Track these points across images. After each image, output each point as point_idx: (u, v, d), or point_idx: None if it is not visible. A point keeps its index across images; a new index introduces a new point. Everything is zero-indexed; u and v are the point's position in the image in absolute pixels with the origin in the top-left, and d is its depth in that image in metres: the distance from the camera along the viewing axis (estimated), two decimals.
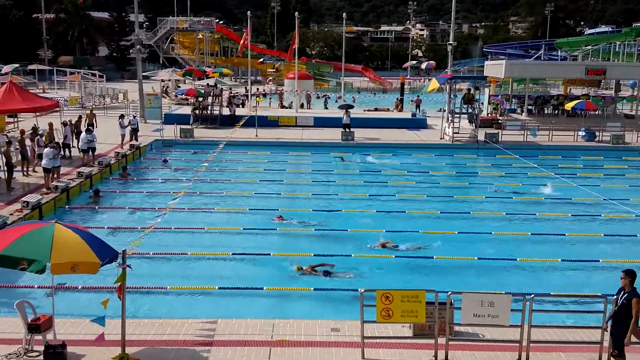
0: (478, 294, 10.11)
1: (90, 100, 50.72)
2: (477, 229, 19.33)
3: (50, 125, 27.95)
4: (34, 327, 10.20)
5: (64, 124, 27.79)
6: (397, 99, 52.78)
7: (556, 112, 46.40)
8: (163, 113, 40.95)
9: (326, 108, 53.09)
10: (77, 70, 65.27)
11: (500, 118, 41.95)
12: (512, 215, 21.09)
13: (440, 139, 36.29)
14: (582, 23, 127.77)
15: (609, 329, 9.85)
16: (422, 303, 9.94)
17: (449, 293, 10.33)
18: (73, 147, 28.51)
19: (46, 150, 22.40)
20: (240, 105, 49.29)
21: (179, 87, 62.07)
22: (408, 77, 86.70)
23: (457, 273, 15.59)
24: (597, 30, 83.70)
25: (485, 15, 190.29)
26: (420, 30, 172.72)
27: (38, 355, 10.11)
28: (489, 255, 16.60)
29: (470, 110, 36.21)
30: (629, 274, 9.57)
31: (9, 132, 30.95)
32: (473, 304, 9.95)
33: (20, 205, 19.05)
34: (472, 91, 37.26)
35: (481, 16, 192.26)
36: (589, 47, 61.91)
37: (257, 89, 61.64)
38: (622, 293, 9.56)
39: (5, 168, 22.31)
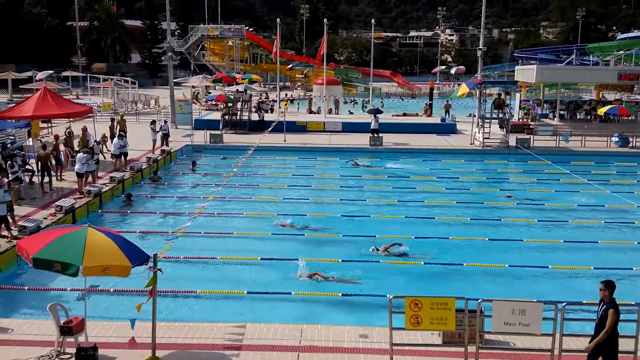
0: (509, 301, 9.97)
1: (122, 106, 51.42)
2: (508, 235, 19.14)
3: (84, 130, 28.41)
4: (66, 330, 10.35)
5: (84, 129, 28.34)
6: (426, 103, 52.54)
7: (589, 117, 45.68)
8: (193, 119, 41.34)
9: (351, 113, 53.02)
10: (110, 76, 66.27)
11: (532, 123, 41.47)
12: (544, 222, 20.81)
13: (470, 144, 35.99)
14: (614, 28, 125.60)
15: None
16: (451, 310, 9.84)
17: (479, 301, 10.22)
18: (104, 152, 28.93)
19: (79, 155, 22.76)
20: (269, 111, 49.54)
21: (209, 93, 62.62)
22: (437, 82, 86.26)
23: (488, 280, 15.44)
24: (630, 35, 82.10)
25: (515, 20, 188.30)
26: (450, 35, 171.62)
27: (70, 358, 10.26)
28: (520, 263, 16.39)
29: (500, 115, 35.87)
30: (609, 286, 9.23)
31: (43, 137, 31.51)
32: (504, 312, 9.82)
33: (54, 209, 19.39)
34: (502, 96, 36.88)
35: (511, 21, 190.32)
36: (622, 52, 60.87)
37: (286, 95, 61.87)
38: (602, 304, 9.25)
39: (39, 173, 22.77)
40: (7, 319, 12.13)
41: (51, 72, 65.80)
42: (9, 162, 20.77)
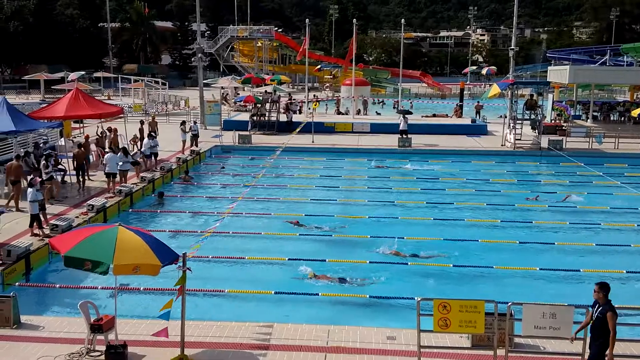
0: (539, 305, 9.82)
1: (153, 107, 51.98)
2: (540, 238, 18.88)
3: (115, 130, 28.78)
4: (97, 327, 10.46)
5: (109, 130, 28.67)
6: (457, 104, 52.11)
7: (622, 118, 44.95)
8: (222, 119, 41.61)
9: (378, 114, 52.74)
10: (140, 77, 67.07)
11: (565, 124, 40.89)
12: (576, 225, 20.48)
13: (502, 145, 35.60)
14: None
15: (586, 342, 9.45)
16: (481, 313, 9.73)
17: (509, 304, 10.10)
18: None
19: (106, 156, 23.04)
20: (298, 112, 49.63)
21: (238, 94, 63.00)
22: (468, 82, 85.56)
23: (518, 283, 15.26)
24: None
25: (548, 20, 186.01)
26: (481, 35, 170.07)
27: (100, 355, 10.36)
28: (551, 266, 16.14)
29: (533, 117, 35.42)
30: (603, 288, 9.07)
31: (75, 137, 31.99)
32: (534, 315, 9.69)
33: (85, 208, 19.68)
34: (534, 97, 36.42)
35: (544, 21, 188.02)
36: None
37: (315, 95, 61.93)
38: (597, 306, 9.10)
39: (75, 171, 23.18)
40: (39, 316, 12.31)
41: (83, 73, 66.86)
42: (44, 162, 21.14)
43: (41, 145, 26.40)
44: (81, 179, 23.22)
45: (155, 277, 9.94)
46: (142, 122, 32.77)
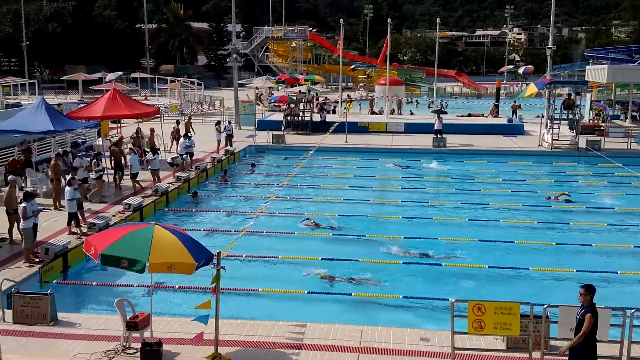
0: (576, 307, 9.64)
1: (189, 107, 52.50)
2: (577, 240, 18.55)
3: (152, 131, 29.12)
4: (132, 325, 10.61)
5: (139, 130, 29.11)
6: (493, 104, 51.46)
7: None
8: (256, 119, 41.82)
9: (412, 113, 52.33)
10: (177, 78, 67.75)
11: (603, 124, 40.11)
12: (614, 226, 20.08)
13: (539, 145, 35.05)
14: None
15: None
16: (516, 315, 9.62)
17: (545, 306, 9.96)
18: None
19: (129, 157, 23.34)
20: (331, 112, 49.60)
21: (272, 94, 63.23)
22: (504, 82, 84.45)
23: (555, 285, 15.04)
24: None
25: (586, 19, 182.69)
26: (518, 34, 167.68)
27: (135, 353, 10.51)
28: (588, 268, 15.82)
29: (570, 116, 34.79)
30: (589, 291, 8.91)
31: (112, 137, 32.48)
32: (570, 317, 9.51)
33: (122, 207, 19.99)
34: (572, 96, 35.78)
35: (582, 19, 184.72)
36: None
37: (348, 95, 61.82)
38: (581, 308, 8.98)
39: (113, 169, 23.60)
40: (75, 314, 12.54)
41: (120, 73, 67.84)
42: (94, 160, 21.54)
43: (80, 144, 26.88)
44: (117, 178, 23.62)
45: (189, 275, 10.01)
46: (177, 122, 33.15)
